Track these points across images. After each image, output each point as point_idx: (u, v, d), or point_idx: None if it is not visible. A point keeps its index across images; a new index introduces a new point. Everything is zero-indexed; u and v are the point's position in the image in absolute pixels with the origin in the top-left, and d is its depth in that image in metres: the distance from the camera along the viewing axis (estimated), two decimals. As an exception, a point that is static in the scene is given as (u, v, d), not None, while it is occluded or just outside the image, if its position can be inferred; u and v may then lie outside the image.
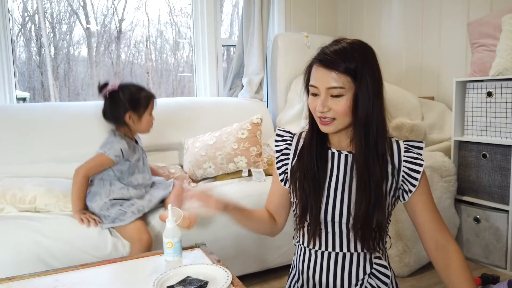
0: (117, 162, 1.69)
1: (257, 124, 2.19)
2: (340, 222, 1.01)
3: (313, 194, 1.01)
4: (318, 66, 0.95)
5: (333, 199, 1.01)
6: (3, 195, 1.72)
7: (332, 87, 0.93)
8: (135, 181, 1.76)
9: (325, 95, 0.94)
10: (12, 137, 2.10)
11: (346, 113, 0.94)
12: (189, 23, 3.23)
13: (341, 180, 1.02)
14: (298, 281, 1.09)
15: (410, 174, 1.00)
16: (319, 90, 0.95)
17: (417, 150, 1.02)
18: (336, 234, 1.02)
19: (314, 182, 1.01)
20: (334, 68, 0.92)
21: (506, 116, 2.06)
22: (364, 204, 0.97)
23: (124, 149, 1.69)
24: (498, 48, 2.07)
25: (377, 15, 3.18)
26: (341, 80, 0.92)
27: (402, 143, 1.03)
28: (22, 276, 1.05)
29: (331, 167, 1.03)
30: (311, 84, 0.97)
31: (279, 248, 2.05)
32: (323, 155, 1.03)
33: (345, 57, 0.92)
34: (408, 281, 2.03)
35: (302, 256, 1.08)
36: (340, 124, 0.97)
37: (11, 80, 2.51)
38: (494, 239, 2.14)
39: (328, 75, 0.93)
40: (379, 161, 0.97)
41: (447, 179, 2.22)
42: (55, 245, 1.59)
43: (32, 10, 2.91)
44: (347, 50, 0.94)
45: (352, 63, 0.92)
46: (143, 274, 1.06)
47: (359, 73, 0.92)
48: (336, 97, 0.94)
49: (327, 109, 0.94)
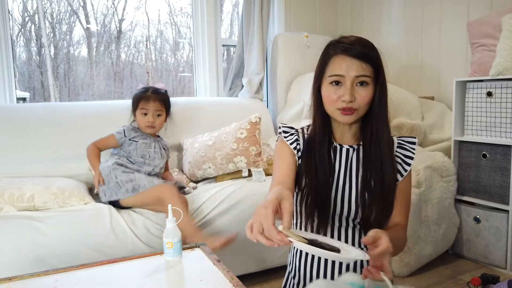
0: (119, 139, 1.96)
1: (255, 123, 2.19)
2: (347, 217, 1.02)
3: (325, 189, 1.01)
4: (343, 56, 0.97)
5: (341, 194, 1.02)
6: (1, 195, 1.72)
7: (361, 75, 0.95)
8: (142, 164, 1.94)
9: (350, 84, 0.96)
10: (12, 137, 2.10)
11: (368, 103, 0.98)
12: (189, 23, 3.23)
13: (343, 175, 1.03)
14: (295, 277, 1.10)
15: (398, 169, 1.03)
16: (344, 78, 0.96)
17: (410, 145, 1.05)
18: (335, 229, 1.03)
19: (325, 177, 1.01)
20: (361, 57, 0.95)
21: (506, 116, 2.06)
22: (373, 199, 0.98)
23: (127, 129, 1.97)
24: (498, 48, 2.07)
25: (377, 15, 3.18)
26: (369, 69, 0.96)
27: (396, 139, 1.06)
28: (22, 276, 1.05)
29: (339, 162, 1.04)
30: (335, 73, 0.97)
31: (279, 248, 2.04)
32: (329, 150, 1.04)
33: (369, 48, 0.97)
34: (408, 281, 2.03)
35: (298, 252, 1.08)
36: (359, 115, 0.99)
37: (11, 80, 2.51)
38: (494, 239, 2.14)
39: (356, 64, 0.95)
40: (390, 155, 1.00)
41: (447, 179, 2.22)
42: (55, 244, 1.59)
43: (32, 10, 2.91)
44: (369, 43, 0.98)
45: (375, 55, 0.97)
46: (143, 274, 1.06)
47: (380, 66, 0.98)
48: (362, 86, 0.96)
49: (354, 98, 0.96)
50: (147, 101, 1.95)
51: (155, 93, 1.98)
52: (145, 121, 1.96)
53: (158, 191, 1.80)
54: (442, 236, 2.20)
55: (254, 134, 2.18)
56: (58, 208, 1.77)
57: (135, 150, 1.95)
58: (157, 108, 1.97)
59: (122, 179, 1.83)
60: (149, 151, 1.98)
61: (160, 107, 1.98)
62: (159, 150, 2.03)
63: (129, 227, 1.72)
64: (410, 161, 1.03)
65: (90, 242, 1.64)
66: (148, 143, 1.98)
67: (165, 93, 2.03)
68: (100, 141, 1.97)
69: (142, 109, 1.96)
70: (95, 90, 3.12)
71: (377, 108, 0.99)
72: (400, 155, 1.04)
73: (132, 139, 1.95)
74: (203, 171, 2.21)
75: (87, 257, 1.59)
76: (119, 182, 1.83)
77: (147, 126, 1.97)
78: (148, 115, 1.96)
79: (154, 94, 1.97)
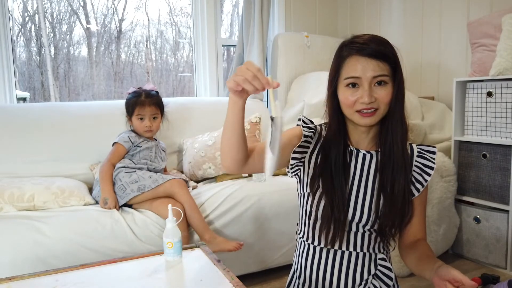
0: (128, 147, 1.96)
1: (255, 123, 2.19)
2: (358, 223, 1.00)
3: (342, 194, 0.98)
4: (358, 57, 0.93)
5: (354, 199, 1.00)
6: (1, 195, 1.72)
7: (378, 75, 0.92)
8: (144, 165, 1.95)
9: (368, 85, 0.92)
10: (12, 137, 2.10)
11: (389, 102, 0.94)
12: (189, 23, 3.23)
13: (358, 180, 1.00)
14: (300, 277, 1.08)
15: (418, 179, 1.01)
16: (361, 80, 0.93)
17: (430, 155, 1.02)
18: (351, 234, 1.01)
19: (341, 182, 0.98)
20: (377, 56, 0.92)
21: (506, 116, 2.05)
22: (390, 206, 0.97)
23: (131, 136, 1.98)
24: (498, 48, 2.07)
25: (377, 15, 3.18)
26: (386, 68, 0.93)
27: (415, 147, 1.03)
28: (22, 276, 1.05)
29: (354, 166, 1.02)
30: (351, 76, 0.94)
31: (279, 248, 2.05)
32: (345, 154, 1.01)
33: (385, 45, 0.94)
34: (408, 281, 2.03)
35: (305, 252, 1.06)
36: (380, 115, 0.95)
37: (11, 80, 2.51)
38: (494, 239, 2.14)
39: (372, 63, 0.92)
40: (405, 162, 0.97)
41: (447, 179, 2.22)
42: (55, 244, 1.58)
43: (32, 10, 2.91)
44: (384, 40, 0.95)
45: (392, 53, 0.94)
46: (143, 274, 1.06)
47: (397, 63, 0.94)
48: (380, 86, 0.93)
49: (374, 99, 0.93)
50: (142, 107, 1.97)
51: (148, 97, 2.00)
52: (143, 126, 1.99)
53: (168, 186, 1.82)
54: (442, 236, 2.20)
55: (254, 134, 2.18)
56: (58, 208, 1.78)
57: (138, 154, 1.97)
58: (152, 112, 2.00)
59: (127, 181, 1.83)
60: (151, 155, 2.01)
61: (155, 110, 2.02)
62: (159, 153, 2.06)
63: (129, 227, 1.71)
64: (430, 171, 1.00)
65: (90, 242, 1.64)
66: (150, 147, 2.01)
67: (157, 95, 2.06)
68: (113, 157, 1.93)
69: (138, 115, 1.98)
70: (95, 90, 3.12)
71: (394, 108, 0.95)
72: (420, 165, 1.01)
73: (137, 145, 1.98)
74: (203, 171, 2.21)
75: (87, 257, 1.59)
76: (124, 184, 1.83)
77: (146, 131, 2.00)
78: (144, 120, 1.99)
79: (148, 98, 2.00)
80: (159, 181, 1.83)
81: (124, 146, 1.95)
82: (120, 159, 1.94)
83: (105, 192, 1.80)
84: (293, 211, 1.96)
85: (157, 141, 2.10)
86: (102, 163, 1.93)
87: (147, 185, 1.81)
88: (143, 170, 1.91)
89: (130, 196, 1.80)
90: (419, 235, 1.03)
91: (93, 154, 2.19)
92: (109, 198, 1.78)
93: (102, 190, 1.83)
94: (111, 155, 1.94)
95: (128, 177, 1.84)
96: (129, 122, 2.05)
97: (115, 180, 1.86)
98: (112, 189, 1.82)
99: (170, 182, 1.83)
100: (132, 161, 1.94)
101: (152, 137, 2.07)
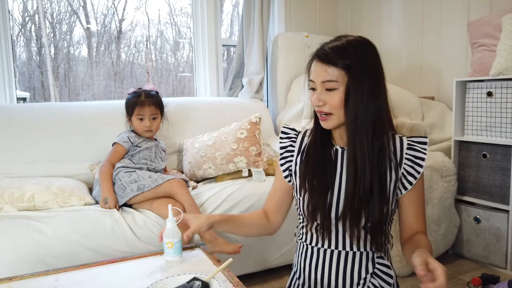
0: (128, 148, 1.96)
1: (255, 123, 2.19)
2: (344, 222, 1.00)
3: (323, 193, 1.01)
4: (316, 62, 0.97)
5: (337, 197, 1.01)
6: (1, 195, 1.72)
7: (326, 81, 0.95)
8: (144, 165, 1.95)
9: (320, 88, 0.96)
10: (12, 137, 2.10)
11: (340, 107, 0.95)
12: (189, 23, 3.23)
13: (339, 177, 1.02)
14: (300, 278, 1.09)
15: (409, 172, 1.00)
16: (315, 84, 0.97)
17: (421, 145, 1.01)
18: (339, 232, 1.02)
19: (322, 181, 1.01)
20: (329, 62, 0.94)
21: (506, 116, 2.06)
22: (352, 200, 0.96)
23: (131, 136, 1.98)
24: (498, 48, 2.07)
25: (377, 15, 3.18)
26: (335, 74, 0.94)
27: (405, 140, 1.03)
28: (22, 276, 1.05)
29: (335, 164, 1.03)
30: (309, 79, 0.99)
31: (279, 248, 2.05)
32: (328, 153, 1.03)
33: (340, 52, 0.94)
34: (408, 281, 2.03)
35: (304, 253, 1.08)
36: (337, 119, 0.98)
37: (11, 80, 2.51)
38: (494, 239, 2.14)
39: (323, 69, 0.95)
40: (372, 158, 0.96)
41: (447, 179, 2.22)
42: (55, 244, 1.58)
43: (32, 10, 2.91)
44: (344, 45, 0.96)
45: (347, 59, 0.93)
46: (143, 274, 1.06)
47: (353, 68, 0.93)
48: (330, 91, 0.95)
49: (322, 103, 0.96)
50: (142, 107, 1.98)
51: (148, 97, 2.01)
52: (143, 126, 1.99)
53: (168, 186, 1.82)
54: (442, 236, 2.20)
55: (254, 134, 2.17)
56: (58, 208, 1.77)
57: (137, 154, 1.98)
58: (152, 112, 2.00)
59: (126, 180, 1.83)
60: (151, 155, 2.01)
61: (155, 111, 2.02)
62: (159, 153, 2.06)
63: (129, 227, 1.72)
64: (421, 163, 0.99)
65: (90, 242, 1.64)
66: (150, 147, 2.01)
67: (157, 95, 2.07)
68: (112, 157, 1.93)
69: (138, 115, 1.99)
70: (95, 90, 3.12)
71: (349, 112, 0.94)
72: (410, 157, 1.00)
73: (136, 145, 1.98)
74: (203, 171, 2.21)
75: (87, 257, 1.59)
76: (124, 184, 1.83)
77: (145, 131, 2.00)
78: (144, 120, 1.99)
79: (148, 98, 2.00)
80: (159, 181, 1.83)
81: (124, 146, 1.96)
82: (119, 159, 1.94)
83: (105, 192, 1.81)
84: (292, 211, 1.95)
85: (157, 141, 2.10)
86: (102, 163, 1.94)
87: (146, 185, 1.81)
88: (143, 170, 1.91)
89: (130, 196, 1.80)
90: (417, 228, 1.02)
91: (93, 154, 2.19)
92: (109, 197, 1.79)
93: (102, 190, 1.83)
94: (111, 155, 1.94)
95: (128, 177, 1.84)
96: (129, 122, 2.05)
97: (114, 180, 1.86)
98: (112, 189, 1.83)
99: (170, 182, 1.83)
100: (132, 161, 1.94)
101: (152, 137, 2.07)
